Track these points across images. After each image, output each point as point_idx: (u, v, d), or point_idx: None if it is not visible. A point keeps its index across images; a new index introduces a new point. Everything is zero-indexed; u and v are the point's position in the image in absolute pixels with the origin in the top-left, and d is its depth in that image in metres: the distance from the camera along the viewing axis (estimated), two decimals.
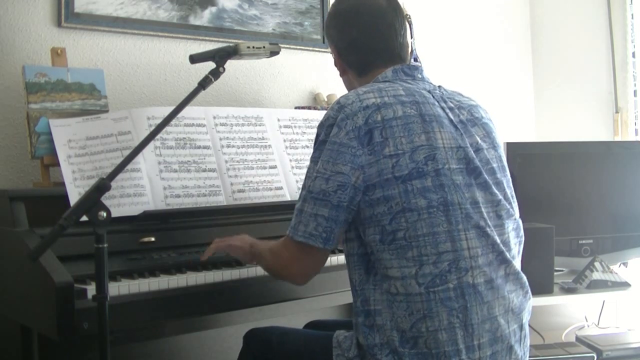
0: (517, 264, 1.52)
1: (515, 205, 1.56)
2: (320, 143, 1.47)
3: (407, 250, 1.39)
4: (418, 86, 1.54)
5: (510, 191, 1.55)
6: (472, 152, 1.48)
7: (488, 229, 1.44)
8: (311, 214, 1.42)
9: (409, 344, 1.39)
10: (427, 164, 1.42)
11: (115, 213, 1.61)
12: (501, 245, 1.46)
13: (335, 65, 1.68)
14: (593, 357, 2.53)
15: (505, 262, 1.47)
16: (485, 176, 1.48)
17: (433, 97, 1.52)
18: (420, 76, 1.59)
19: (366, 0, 1.60)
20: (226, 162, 2.02)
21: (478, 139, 1.52)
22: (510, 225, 1.52)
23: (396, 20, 1.60)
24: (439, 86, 1.60)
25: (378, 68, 1.59)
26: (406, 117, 1.44)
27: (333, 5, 1.69)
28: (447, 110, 1.51)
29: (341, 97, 1.50)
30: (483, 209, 1.45)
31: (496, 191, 1.49)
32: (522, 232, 1.58)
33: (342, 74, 1.69)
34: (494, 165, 1.52)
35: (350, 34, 1.60)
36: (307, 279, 1.55)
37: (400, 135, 1.42)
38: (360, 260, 1.47)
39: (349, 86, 1.70)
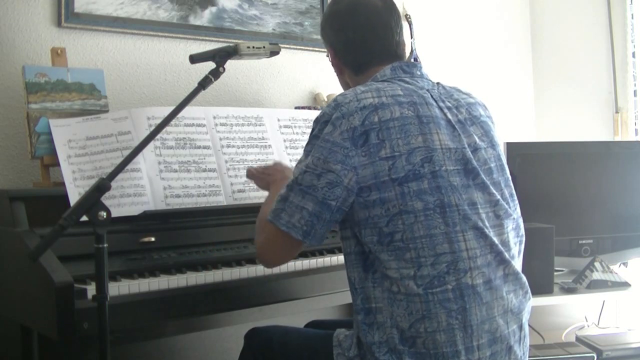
0: (516, 264, 1.52)
1: (515, 204, 1.56)
2: (313, 137, 1.47)
3: (405, 252, 1.39)
4: (417, 85, 1.53)
5: (509, 190, 1.55)
6: (469, 152, 1.48)
7: (486, 230, 1.44)
8: (297, 205, 1.42)
9: (408, 343, 1.39)
10: (424, 166, 1.41)
11: (115, 213, 1.61)
12: (500, 246, 1.46)
13: (332, 64, 1.69)
14: (593, 357, 2.53)
15: (504, 262, 1.47)
16: (483, 176, 1.48)
17: (431, 96, 1.52)
18: (419, 73, 1.58)
19: (361, 0, 1.60)
20: (226, 162, 2.02)
21: (476, 138, 1.51)
22: (509, 225, 1.51)
23: (392, 19, 1.60)
24: (438, 83, 1.59)
25: (375, 67, 1.59)
26: (403, 118, 1.44)
27: (329, 5, 1.69)
28: (446, 110, 1.51)
29: (339, 95, 1.49)
30: (481, 210, 1.45)
31: (494, 191, 1.49)
32: (522, 232, 1.57)
33: (339, 73, 1.69)
34: (492, 165, 1.52)
35: (346, 34, 1.60)
36: (273, 265, 1.61)
37: (397, 137, 1.42)
38: (357, 259, 1.47)
39: (345, 86, 1.70)
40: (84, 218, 1.38)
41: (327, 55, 1.70)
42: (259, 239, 1.53)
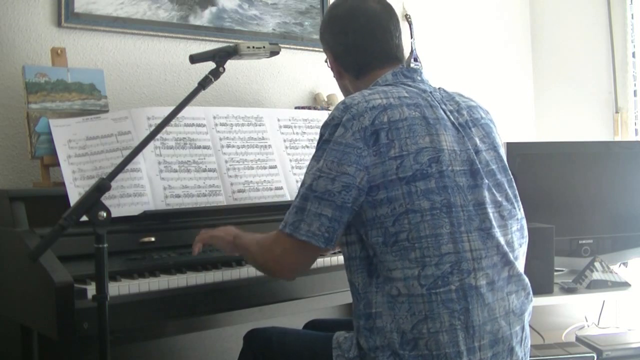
0: (519, 265, 1.52)
1: (518, 205, 1.56)
2: (323, 142, 1.46)
3: (410, 251, 1.39)
4: (419, 88, 1.54)
5: (512, 191, 1.55)
6: (473, 154, 1.48)
7: (493, 230, 1.44)
8: (315, 213, 1.41)
9: (409, 346, 1.39)
10: (431, 165, 1.42)
11: (115, 213, 1.61)
12: (505, 247, 1.46)
13: (332, 69, 1.69)
14: (593, 357, 2.53)
15: (508, 263, 1.47)
16: (486, 178, 1.48)
17: (434, 99, 1.52)
18: (420, 78, 1.59)
19: (360, 5, 1.61)
20: (226, 162, 2.02)
21: (477, 140, 1.52)
22: (514, 226, 1.52)
23: (391, 22, 1.62)
24: (439, 88, 1.60)
25: (374, 70, 1.60)
26: (411, 119, 1.44)
27: (327, 10, 1.71)
28: (448, 113, 1.52)
29: (346, 97, 1.50)
30: (489, 210, 1.45)
31: (497, 193, 1.49)
32: (526, 233, 1.58)
33: (339, 77, 1.69)
34: (494, 166, 1.52)
35: (345, 38, 1.61)
36: (296, 275, 1.56)
37: (405, 137, 1.42)
38: (362, 264, 1.47)
39: (344, 90, 1.70)
40: (84, 218, 1.38)
41: (326, 61, 1.70)
42: (274, 252, 1.49)
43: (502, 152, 1.57)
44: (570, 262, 2.86)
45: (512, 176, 1.57)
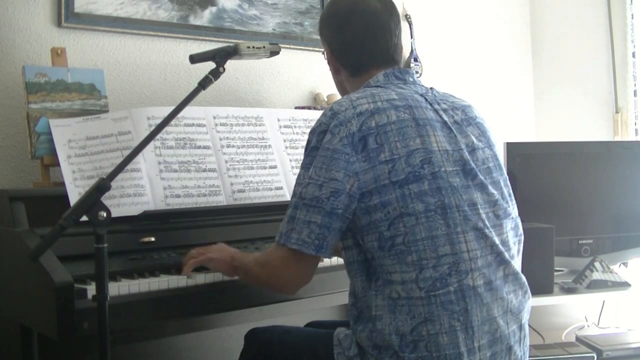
0: (515, 263, 1.52)
1: (512, 203, 1.56)
2: (311, 149, 1.46)
3: (407, 255, 1.39)
4: (410, 90, 1.53)
5: (507, 189, 1.55)
6: (467, 153, 1.48)
7: (487, 230, 1.44)
8: (304, 220, 1.41)
9: (409, 348, 1.39)
10: (424, 167, 1.41)
11: (115, 213, 1.61)
12: (500, 246, 1.46)
13: (328, 63, 1.68)
14: (593, 357, 2.53)
15: (504, 262, 1.47)
16: (481, 177, 1.48)
17: (426, 100, 1.52)
18: (411, 79, 1.59)
19: (360, 2, 1.60)
20: (226, 162, 2.02)
21: (473, 138, 1.52)
22: (508, 225, 1.51)
23: (391, 21, 1.60)
24: (431, 88, 1.59)
25: (371, 70, 1.59)
26: (400, 121, 1.44)
27: (327, 6, 1.69)
28: (441, 112, 1.51)
29: (334, 103, 1.50)
30: (481, 210, 1.45)
31: (493, 191, 1.49)
32: (521, 231, 1.57)
33: (335, 73, 1.69)
34: (490, 164, 1.52)
35: (344, 35, 1.60)
36: (296, 287, 1.52)
37: (395, 140, 1.42)
38: (360, 267, 1.47)
39: (340, 87, 1.70)
40: (84, 218, 1.38)
41: (323, 53, 1.70)
42: (272, 266, 1.47)
43: (497, 150, 1.57)
44: (570, 262, 2.86)
45: (506, 175, 1.57)
